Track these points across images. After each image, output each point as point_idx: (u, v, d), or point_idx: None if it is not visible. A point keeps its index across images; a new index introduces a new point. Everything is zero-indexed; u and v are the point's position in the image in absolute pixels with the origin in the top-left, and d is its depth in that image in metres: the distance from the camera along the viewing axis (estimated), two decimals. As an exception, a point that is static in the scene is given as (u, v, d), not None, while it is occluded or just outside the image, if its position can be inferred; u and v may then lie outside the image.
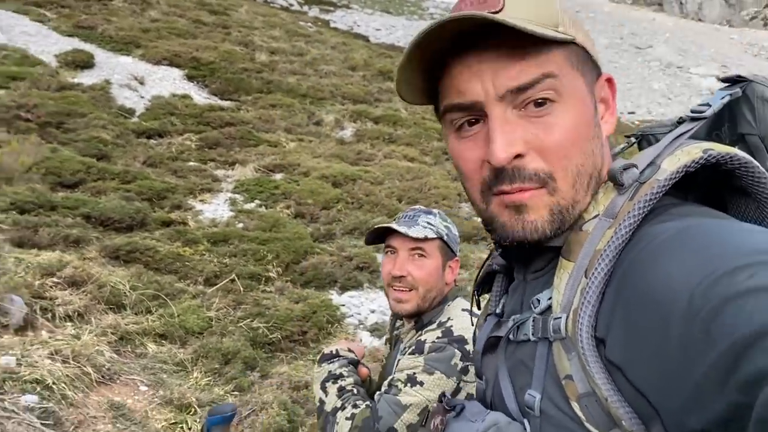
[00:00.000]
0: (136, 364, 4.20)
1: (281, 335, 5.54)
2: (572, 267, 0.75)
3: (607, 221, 0.74)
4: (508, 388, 0.84)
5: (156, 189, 7.97)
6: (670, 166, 0.73)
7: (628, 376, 0.66)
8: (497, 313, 0.93)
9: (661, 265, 0.65)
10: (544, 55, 0.76)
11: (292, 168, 9.55)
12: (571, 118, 0.77)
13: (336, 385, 1.84)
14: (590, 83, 0.81)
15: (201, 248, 6.84)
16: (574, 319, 0.71)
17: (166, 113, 10.35)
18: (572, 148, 0.77)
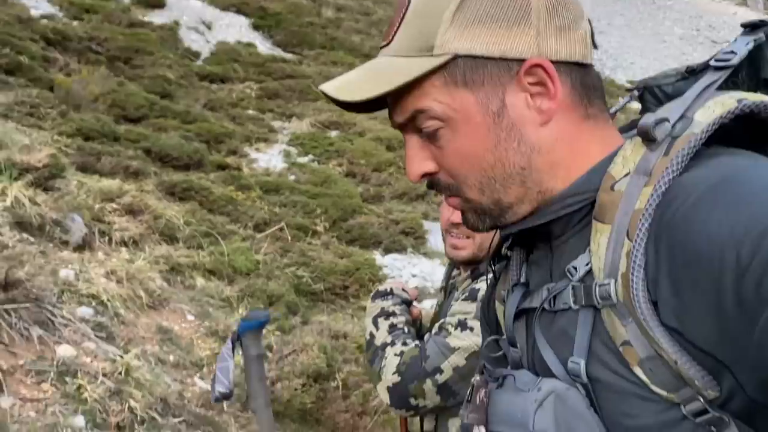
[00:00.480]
0: (184, 294, 4.32)
1: (324, 286, 5.63)
2: (609, 230, 0.72)
3: (643, 178, 0.71)
4: (551, 357, 0.81)
5: (214, 132, 8.10)
6: (704, 118, 0.71)
7: (688, 337, 0.65)
8: (523, 282, 0.89)
9: (701, 224, 0.63)
10: (421, 87, 0.78)
11: (348, 126, 9.58)
12: (458, 141, 0.80)
13: (388, 321, 1.86)
14: (495, 87, 0.78)
15: (253, 194, 6.97)
16: (625, 284, 0.69)
17: (229, 59, 10.46)
18: (466, 167, 0.81)
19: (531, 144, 0.80)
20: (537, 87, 0.78)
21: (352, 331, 4.82)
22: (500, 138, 0.79)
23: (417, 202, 8.24)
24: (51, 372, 2.73)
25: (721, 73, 0.76)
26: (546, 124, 0.79)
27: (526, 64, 0.77)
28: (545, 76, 0.77)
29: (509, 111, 0.79)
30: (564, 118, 0.80)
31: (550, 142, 0.80)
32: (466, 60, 0.77)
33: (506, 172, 0.80)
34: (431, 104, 0.78)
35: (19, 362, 2.73)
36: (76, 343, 3.01)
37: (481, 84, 0.78)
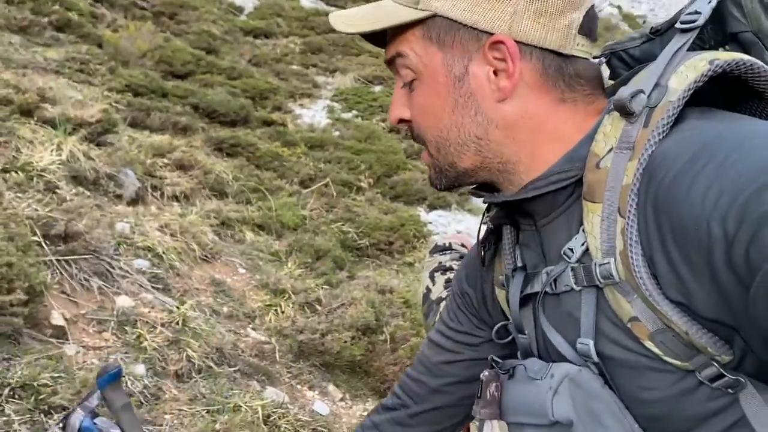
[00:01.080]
0: (234, 248, 4.40)
1: (369, 242, 5.67)
2: (600, 208, 0.72)
3: (626, 153, 0.71)
4: (559, 340, 0.81)
5: (259, 88, 8.13)
6: (678, 84, 0.70)
7: (692, 308, 0.65)
8: (521, 266, 0.89)
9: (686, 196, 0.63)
10: (404, 34, 0.82)
11: (392, 81, 9.48)
12: (422, 95, 0.83)
13: (444, 276, 1.87)
14: (462, 52, 0.80)
15: (298, 151, 7.00)
16: (624, 262, 0.69)
17: (273, 14, 10.42)
18: (423, 122, 0.85)
19: (488, 116, 0.81)
20: (501, 63, 0.79)
21: (398, 286, 4.86)
22: (458, 103, 0.81)
23: (462, 159, 8.19)
24: (111, 321, 2.82)
25: (689, 35, 0.75)
26: (504, 101, 0.80)
27: (491, 38, 0.78)
28: (507, 54, 0.78)
29: (470, 79, 0.81)
30: (531, 99, 0.80)
31: (511, 119, 0.80)
32: (443, 20, 0.80)
33: (460, 137, 0.82)
34: (408, 51, 0.82)
35: (81, 312, 2.83)
36: (134, 294, 3.09)
37: (450, 46, 0.81)
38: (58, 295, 2.75)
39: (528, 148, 0.81)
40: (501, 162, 0.83)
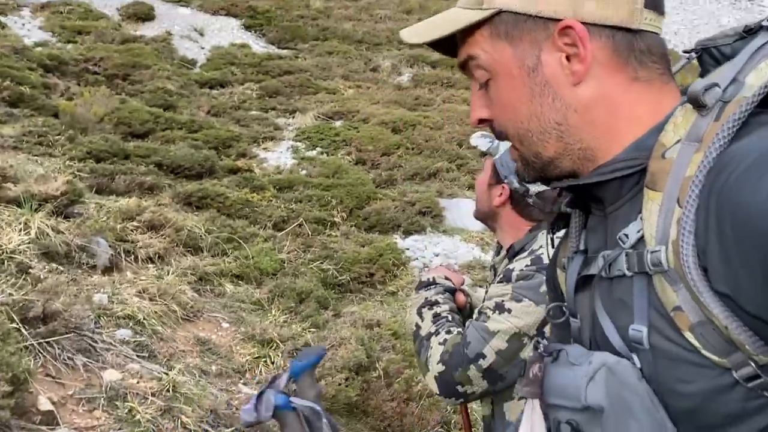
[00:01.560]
0: (216, 302, 4.37)
1: (350, 277, 5.67)
2: (660, 197, 0.72)
3: (693, 145, 0.71)
4: (609, 326, 0.82)
5: (221, 137, 8.13)
6: (756, 81, 0.70)
7: (739, 302, 0.65)
8: (582, 249, 0.91)
9: (754, 188, 0.63)
10: (473, 36, 0.85)
11: (351, 115, 9.57)
12: (500, 92, 0.86)
13: (431, 311, 1.87)
14: (531, 43, 0.82)
15: (268, 194, 7.00)
16: (675, 250, 0.69)
17: (226, 63, 10.46)
18: (504, 118, 0.87)
19: (566, 102, 0.82)
20: (572, 48, 0.80)
21: (385, 318, 4.86)
22: (534, 92, 0.83)
23: (430, 181, 8.24)
24: (101, 398, 2.77)
25: None
26: (579, 84, 0.81)
27: (559, 24, 0.79)
28: (576, 38, 0.79)
29: (543, 68, 0.82)
30: (605, 79, 0.81)
31: (586, 102, 0.82)
32: (509, 15, 0.82)
33: (541, 125, 0.84)
34: (478, 52, 0.84)
35: (69, 392, 2.77)
36: (121, 366, 3.05)
37: (519, 39, 0.82)
38: (43, 378, 2.70)
39: (606, 130, 0.82)
40: (581, 148, 0.84)
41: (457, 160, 8.56)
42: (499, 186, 1.90)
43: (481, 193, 1.94)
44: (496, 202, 1.90)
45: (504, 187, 1.89)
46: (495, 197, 1.90)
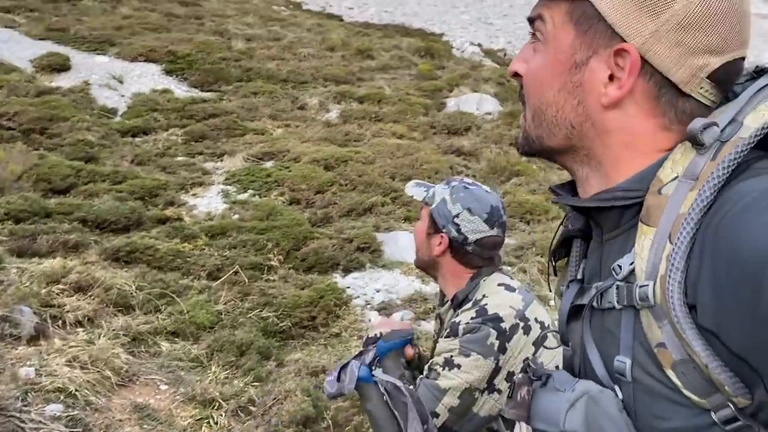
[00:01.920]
0: (152, 363, 4.19)
1: (291, 322, 5.54)
2: (653, 232, 0.73)
3: (689, 183, 0.72)
4: (595, 356, 0.83)
5: (147, 187, 7.90)
6: (753, 122, 0.71)
7: (724, 340, 0.65)
8: (578, 278, 0.92)
9: (750, 227, 0.63)
10: (552, 1, 0.86)
11: (282, 154, 9.49)
12: (540, 60, 0.87)
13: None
14: (591, 43, 0.82)
15: (200, 243, 6.81)
16: (662, 286, 0.70)
17: (148, 110, 10.23)
18: (530, 85, 0.88)
19: (588, 112, 0.83)
20: (620, 71, 0.80)
21: (330, 362, 4.76)
22: (566, 86, 0.84)
23: (366, 217, 8.22)
24: (31, 483, 2.59)
25: None
26: (608, 108, 0.82)
27: (621, 44, 0.79)
28: (627, 66, 0.79)
29: (586, 71, 0.82)
30: (636, 117, 0.81)
31: (609, 127, 0.83)
32: (590, 6, 0.81)
33: (557, 118, 0.85)
34: (548, 18, 0.85)
35: (-5, 480, 2.58)
36: (52, 445, 2.87)
37: (584, 33, 0.82)
38: (-35, 470, 2.50)
39: (614, 155, 0.83)
40: (587, 155, 0.85)
41: (392, 194, 8.58)
42: (438, 235, 1.89)
43: (420, 243, 1.93)
44: (436, 252, 1.90)
45: (443, 236, 1.88)
46: (434, 246, 1.89)
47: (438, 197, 1.92)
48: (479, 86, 13.15)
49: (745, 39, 0.80)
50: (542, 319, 1.83)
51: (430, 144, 10.36)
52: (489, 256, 1.92)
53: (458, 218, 1.89)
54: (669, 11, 0.76)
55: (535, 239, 7.68)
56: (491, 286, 1.86)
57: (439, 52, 15.93)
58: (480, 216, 1.90)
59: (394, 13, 25.15)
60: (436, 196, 1.92)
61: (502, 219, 1.92)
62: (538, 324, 1.80)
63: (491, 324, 1.74)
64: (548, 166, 9.89)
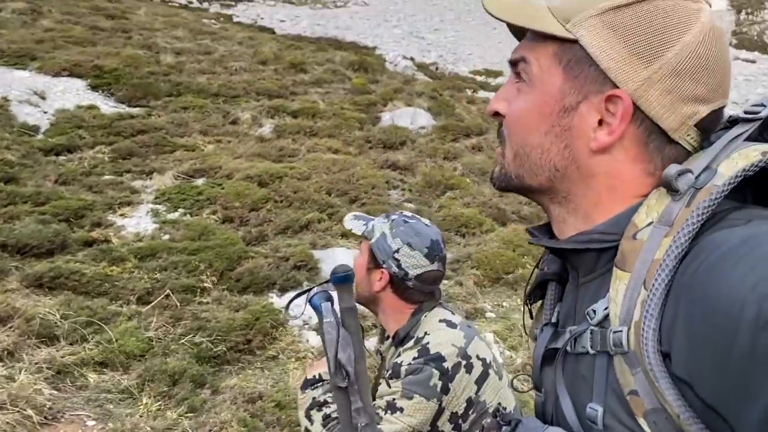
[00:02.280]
0: (78, 397, 3.98)
1: (226, 347, 5.37)
2: (628, 277, 0.73)
3: (663, 229, 0.72)
4: (566, 402, 0.82)
5: (72, 208, 7.58)
6: (727, 170, 0.72)
7: (697, 390, 0.65)
8: (553, 322, 0.91)
9: (726, 275, 0.63)
10: (540, 43, 0.84)
11: (214, 171, 9.28)
12: (524, 102, 0.85)
13: (320, 413, 1.78)
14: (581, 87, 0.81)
15: (129, 266, 6.56)
16: (636, 333, 0.70)
17: (73, 127, 9.84)
18: (513, 126, 0.87)
19: (574, 156, 0.82)
20: (610, 117, 0.79)
21: (267, 387, 4.65)
22: (553, 130, 0.82)
23: (302, 234, 8.11)
24: None
25: (750, 125, 0.77)
26: (596, 154, 0.81)
27: (614, 90, 0.78)
28: (619, 112, 0.78)
29: (576, 116, 0.81)
30: (623, 162, 0.81)
31: (594, 170, 0.82)
32: (580, 50, 0.79)
33: (541, 160, 0.84)
34: (533, 61, 0.84)
35: None
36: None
37: (574, 77, 0.80)
38: None
39: (595, 198, 0.83)
40: (566, 197, 0.84)
41: (328, 209, 8.51)
42: (378, 270, 1.85)
43: (360, 278, 1.89)
44: (376, 287, 1.86)
45: (383, 271, 1.85)
46: (374, 282, 1.85)
47: (377, 231, 1.87)
48: (413, 100, 13.25)
49: (727, 89, 0.82)
50: (484, 356, 1.81)
51: (366, 159, 10.35)
52: (430, 290, 1.89)
53: (398, 253, 1.86)
54: (662, 59, 0.77)
55: (470, 252, 7.75)
56: (433, 322, 1.83)
57: (372, 65, 15.97)
58: (420, 251, 1.86)
59: (326, 26, 25.16)
60: (375, 230, 1.88)
61: (442, 253, 1.89)
62: (480, 361, 1.78)
63: (434, 364, 1.70)
64: (483, 180, 10.03)
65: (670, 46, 0.77)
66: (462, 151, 11.22)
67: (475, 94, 16.03)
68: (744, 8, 31.09)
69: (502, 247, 7.78)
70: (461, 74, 18.10)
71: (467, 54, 22.44)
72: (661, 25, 0.77)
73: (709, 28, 0.79)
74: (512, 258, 7.53)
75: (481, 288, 7.22)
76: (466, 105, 13.81)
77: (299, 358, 5.45)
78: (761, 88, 21.42)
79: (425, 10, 28.10)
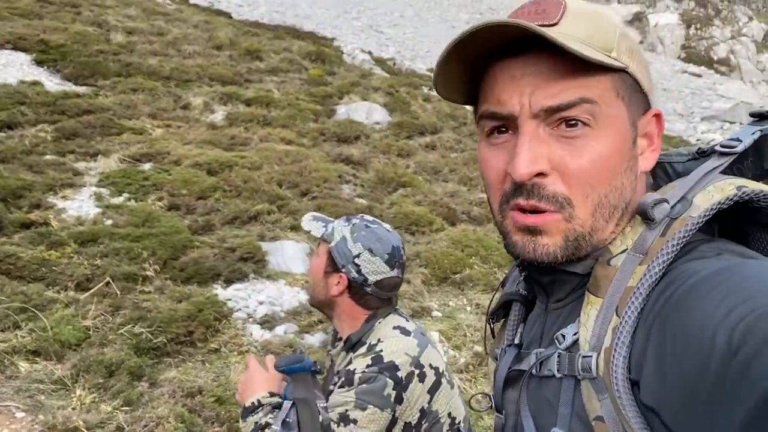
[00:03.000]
0: (7, 387, 3.81)
1: (166, 338, 5.23)
2: (600, 303, 0.72)
3: (638, 257, 0.72)
4: (530, 425, 0.81)
5: (10, 187, 7.29)
6: (703, 202, 0.72)
7: (664, 418, 0.64)
8: (516, 343, 0.90)
9: (698, 304, 0.63)
10: (588, 78, 0.75)
11: (161, 156, 9.06)
12: (602, 146, 0.76)
13: None
14: (635, 115, 0.79)
15: (68, 250, 6.33)
16: (606, 359, 0.69)
17: (14, 103, 9.46)
18: (598, 176, 0.76)
19: (633, 182, 0.80)
20: (653, 137, 0.80)
21: (207, 381, 4.55)
22: (627, 165, 0.78)
23: (250, 225, 7.98)
24: None
25: (726, 159, 0.78)
26: (644, 174, 0.81)
27: (655, 110, 0.79)
28: (657, 128, 0.79)
29: (637, 144, 0.80)
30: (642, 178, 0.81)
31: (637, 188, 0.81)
32: (630, 78, 0.77)
33: (619, 201, 0.78)
34: (597, 100, 0.75)
35: None
36: None
37: (629, 106, 0.77)
38: None
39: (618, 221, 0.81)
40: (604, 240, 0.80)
41: (278, 201, 8.39)
42: (337, 275, 1.82)
43: (316, 281, 1.85)
44: (334, 292, 1.82)
45: (342, 276, 1.81)
46: (332, 286, 1.82)
47: (338, 235, 1.83)
48: (369, 95, 13.19)
49: None
50: (436, 365, 1.79)
51: (320, 151, 10.25)
52: (387, 297, 1.86)
53: (359, 258, 1.82)
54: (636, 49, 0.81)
55: (419, 251, 7.76)
56: (386, 329, 1.80)
57: (330, 57, 15.84)
58: (381, 257, 1.82)
59: (285, 14, 24.84)
60: (335, 233, 1.83)
61: (402, 259, 1.86)
62: (433, 370, 1.76)
63: (388, 374, 1.67)
64: (435, 178, 10.05)
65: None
66: (416, 149, 11.23)
67: (431, 92, 16.07)
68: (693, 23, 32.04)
69: (450, 247, 7.81)
70: (418, 71, 18.11)
71: (425, 51, 22.48)
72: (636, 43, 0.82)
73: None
74: (460, 258, 7.57)
75: (429, 287, 7.24)
76: (422, 103, 13.82)
77: (242, 351, 5.36)
78: (706, 102, 22.15)
79: (386, 5, 28.06)
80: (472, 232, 8.21)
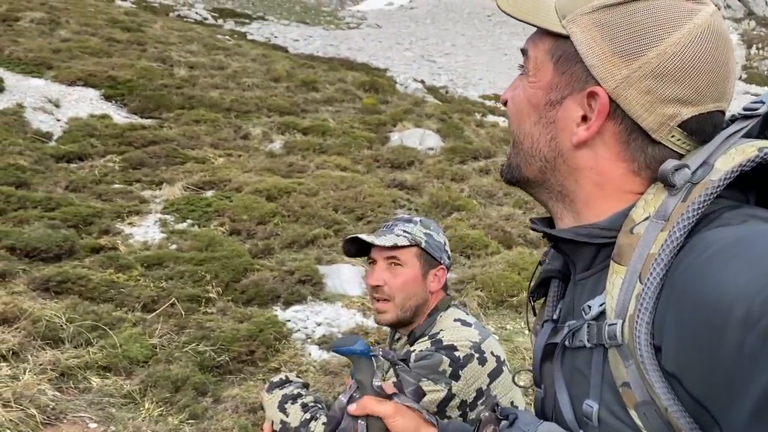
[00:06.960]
0: (81, 400, 3.99)
1: (229, 357, 5.38)
2: (625, 271, 0.74)
3: (660, 223, 0.73)
4: (564, 398, 0.83)
5: (81, 214, 7.64)
6: (723, 165, 0.72)
7: (685, 385, 0.66)
8: (554, 319, 0.92)
9: (718, 273, 0.64)
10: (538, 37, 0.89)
11: (223, 184, 9.35)
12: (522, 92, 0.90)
13: (297, 403, 1.76)
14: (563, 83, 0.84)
15: (135, 273, 6.59)
16: (630, 326, 0.70)
17: (85, 135, 9.94)
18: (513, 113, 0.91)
19: (560, 149, 0.85)
20: (591, 113, 0.82)
21: (268, 398, 4.64)
22: (541, 120, 0.85)
23: (308, 249, 8.14)
24: None
25: (748, 122, 0.78)
26: (578, 148, 0.83)
27: (593, 87, 0.80)
28: (597, 107, 0.80)
29: (560, 110, 0.84)
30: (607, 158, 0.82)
31: (580, 164, 0.84)
32: (571, 47, 0.82)
33: (532, 149, 0.87)
34: (531, 54, 0.87)
35: None
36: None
37: (562, 72, 0.83)
38: None
39: (585, 194, 0.84)
40: (560, 191, 0.86)
41: (335, 226, 8.54)
42: (433, 271, 1.90)
43: (412, 290, 1.87)
44: (434, 287, 1.92)
45: (441, 268, 1.91)
46: (431, 283, 1.89)
47: (419, 234, 1.91)
48: (422, 122, 13.33)
49: (722, 93, 0.80)
50: (498, 353, 1.81)
51: (374, 177, 10.40)
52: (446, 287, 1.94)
53: (446, 245, 1.97)
54: (642, 59, 0.77)
55: (475, 273, 7.75)
56: (447, 321, 1.84)
57: (383, 87, 16.11)
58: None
59: (339, 47, 25.38)
60: (416, 235, 1.91)
61: None
62: (494, 357, 1.78)
63: (444, 352, 1.71)
64: (489, 202, 10.05)
65: (653, 45, 0.77)
66: (470, 173, 11.26)
67: (484, 118, 16.11)
68: (754, 43, 31.26)
69: (507, 270, 7.78)
70: (471, 98, 18.21)
71: (477, 79, 22.60)
72: (646, 24, 0.77)
73: (703, 29, 0.77)
74: (517, 281, 7.53)
75: (485, 309, 7.22)
76: (475, 128, 13.88)
77: (301, 371, 5.45)
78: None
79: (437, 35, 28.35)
80: (528, 255, 8.15)
